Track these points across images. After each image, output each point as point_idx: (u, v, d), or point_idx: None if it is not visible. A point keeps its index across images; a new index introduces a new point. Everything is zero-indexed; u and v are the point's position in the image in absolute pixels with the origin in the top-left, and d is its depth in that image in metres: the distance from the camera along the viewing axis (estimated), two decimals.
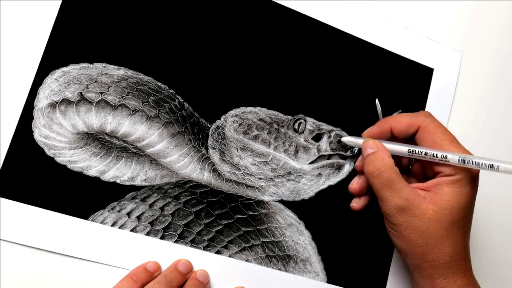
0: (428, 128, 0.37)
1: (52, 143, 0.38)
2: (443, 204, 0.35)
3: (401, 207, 0.35)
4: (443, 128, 0.37)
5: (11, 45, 0.37)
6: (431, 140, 0.37)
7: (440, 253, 0.35)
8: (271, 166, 0.41)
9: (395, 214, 0.36)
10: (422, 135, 0.38)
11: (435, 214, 0.35)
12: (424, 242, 0.35)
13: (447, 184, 0.36)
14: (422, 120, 0.38)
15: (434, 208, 0.35)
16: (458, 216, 0.35)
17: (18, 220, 0.36)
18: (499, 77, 0.50)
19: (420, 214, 0.35)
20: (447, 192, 0.35)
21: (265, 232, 0.41)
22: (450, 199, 0.35)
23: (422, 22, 0.48)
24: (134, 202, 0.39)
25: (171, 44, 0.40)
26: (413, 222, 0.35)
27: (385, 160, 0.37)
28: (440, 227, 0.35)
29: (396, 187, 0.36)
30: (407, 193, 0.36)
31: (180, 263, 0.39)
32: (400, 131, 0.39)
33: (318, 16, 0.44)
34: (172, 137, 0.40)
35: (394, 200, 0.36)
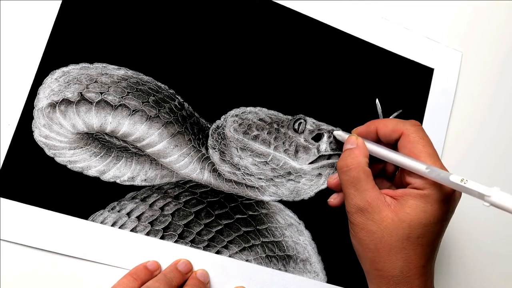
0: (410, 136, 0.36)
1: (52, 143, 0.38)
2: (402, 216, 0.34)
3: (360, 208, 0.35)
4: (426, 140, 0.36)
5: (11, 45, 0.37)
6: (410, 149, 0.36)
7: (390, 264, 0.34)
8: (271, 166, 0.41)
9: (354, 213, 0.35)
10: (402, 143, 0.36)
11: (392, 223, 0.34)
12: (376, 248, 0.34)
13: (412, 196, 0.34)
14: (407, 128, 0.37)
15: (393, 217, 0.34)
16: (416, 232, 0.34)
17: (18, 220, 0.36)
18: (499, 77, 0.50)
19: (378, 219, 0.34)
20: (410, 205, 0.34)
21: (265, 232, 0.41)
22: (411, 213, 0.34)
23: (422, 22, 0.48)
24: (134, 202, 0.39)
25: (171, 44, 0.40)
26: (369, 225, 0.34)
27: (357, 158, 0.37)
28: (395, 238, 0.34)
29: (361, 187, 0.35)
30: (371, 195, 0.35)
31: (180, 262, 0.39)
32: (384, 134, 0.38)
33: (318, 16, 0.44)
34: (172, 137, 0.40)
35: (355, 199, 0.35)
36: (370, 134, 0.39)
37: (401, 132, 0.37)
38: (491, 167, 0.49)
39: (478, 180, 0.48)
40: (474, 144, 0.49)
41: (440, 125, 0.47)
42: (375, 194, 0.35)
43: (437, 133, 0.47)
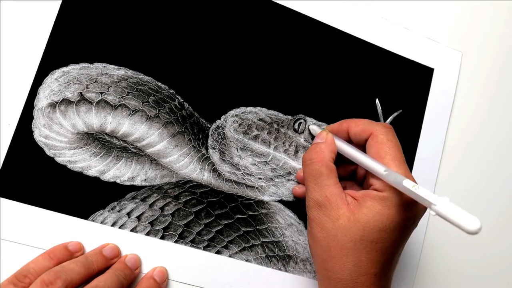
0: (378, 137, 0.35)
1: (52, 143, 0.38)
2: (359, 216, 0.33)
3: (318, 203, 0.34)
4: (393, 143, 0.35)
5: (11, 45, 0.37)
6: (376, 150, 0.35)
7: (340, 266, 0.33)
8: (271, 166, 0.41)
9: (311, 207, 0.35)
10: (370, 143, 0.36)
11: (348, 222, 0.33)
12: (328, 246, 0.33)
13: (371, 198, 0.33)
14: (376, 129, 0.36)
15: (349, 216, 0.33)
16: (371, 235, 0.32)
17: (18, 220, 0.36)
18: (499, 77, 0.50)
19: (334, 216, 0.33)
20: (367, 206, 0.33)
21: (265, 232, 0.41)
22: (367, 214, 0.32)
23: (422, 22, 0.48)
24: (134, 202, 0.39)
25: (171, 44, 0.40)
26: (324, 221, 0.34)
27: (322, 153, 0.36)
28: (348, 239, 0.32)
29: (321, 182, 0.35)
30: (330, 191, 0.34)
31: (106, 247, 0.37)
32: (355, 133, 0.37)
33: (318, 16, 0.44)
34: (172, 137, 0.40)
35: (314, 193, 0.35)
36: (342, 132, 0.38)
37: (370, 133, 0.36)
38: (491, 167, 0.49)
39: (478, 180, 0.49)
40: (474, 144, 0.49)
41: (440, 125, 0.47)
42: (336, 190, 0.34)
43: (437, 133, 0.47)
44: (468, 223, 0.28)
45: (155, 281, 0.37)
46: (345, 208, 0.33)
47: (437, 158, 0.47)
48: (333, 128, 0.39)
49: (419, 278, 0.46)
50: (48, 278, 0.32)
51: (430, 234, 0.46)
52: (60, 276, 0.32)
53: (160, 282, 0.37)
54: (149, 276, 0.37)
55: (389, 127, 0.36)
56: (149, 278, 0.37)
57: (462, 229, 0.28)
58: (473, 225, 0.27)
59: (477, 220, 0.27)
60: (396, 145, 0.35)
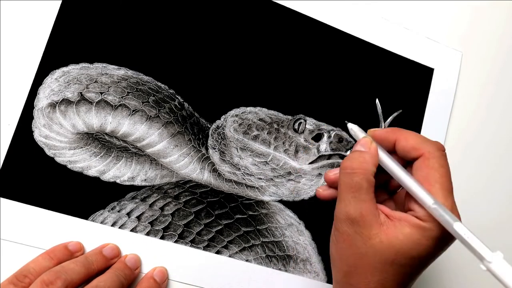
0: (429, 160, 0.32)
1: (52, 143, 0.38)
2: (394, 241, 0.31)
3: (351, 218, 0.32)
4: (445, 170, 0.33)
5: (11, 45, 0.37)
6: (425, 175, 0.32)
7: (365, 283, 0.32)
8: (271, 166, 0.41)
9: (343, 221, 0.32)
10: (420, 164, 0.33)
11: (380, 244, 0.31)
12: (354, 263, 0.32)
13: (411, 224, 0.31)
14: (429, 150, 0.33)
15: (382, 238, 0.31)
16: (403, 261, 0.31)
17: (18, 220, 0.36)
18: (499, 77, 0.50)
19: (366, 235, 0.31)
20: (405, 232, 0.31)
21: (265, 232, 0.41)
22: (403, 241, 0.31)
23: (422, 22, 0.48)
24: (134, 202, 0.39)
25: (171, 44, 0.40)
26: (355, 238, 0.32)
27: (366, 164, 0.33)
28: (378, 260, 0.31)
29: (359, 196, 0.32)
30: (366, 208, 0.32)
31: (106, 247, 0.37)
32: (403, 149, 0.34)
33: (318, 16, 0.44)
34: (172, 137, 0.40)
35: (349, 207, 0.32)
36: (387, 142, 0.35)
37: (421, 153, 0.33)
38: (491, 167, 0.49)
39: (478, 180, 0.49)
40: (474, 144, 0.49)
41: (440, 125, 0.47)
42: (371, 207, 0.32)
43: (437, 133, 0.47)
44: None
45: (155, 281, 0.37)
46: (378, 228, 0.32)
47: None
48: (378, 136, 0.35)
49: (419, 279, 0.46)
50: (48, 278, 0.32)
51: None
52: (60, 276, 0.32)
53: (160, 282, 0.37)
54: (149, 276, 0.37)
55: (443, 149, 0.34)
56: (149, 278, 0.37)
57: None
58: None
59: None
60: (448, 173, 0.33)
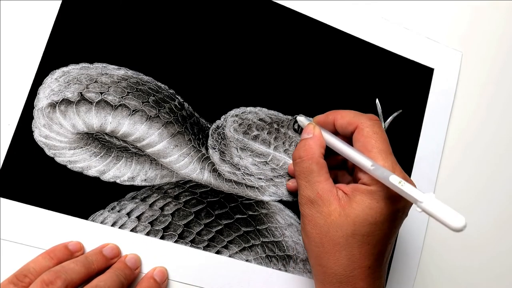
0: (364, 130, 0.35)
1: (52, 143, 0.38)
2: (349, 211, 0.33)
3: (310, 200, 0.34)
4: (379, 135, 0.35)
5: (11, 45, 0.37)
6: (362, 144, 0.35)
7: (334, 261, 0.33)
8: (271, 166, 0.41)
9: (304, 205, 0.35)
10: (356, 136, 0.35)
11: (339, 218, 0.33)
12: (321, 242, 0.33)
13: (360, 192, 0.33)
14: (362, 121, 0.35)
15: (340, 212, 0.33)
16: (362, 229, 0.33)
17: (18, 220, 0.36)
18: (499, 77, 0.50)
19: (326, 213, 0.33)
20: (357, 200, 0.33)
21: (265, 232, 0.41)
22: (357, 208, 0.33)
23: (422, 22, 0.48)
24: (134, 202, 0.39)
25: (171, 44, 0.40)
26: (317, 218, 0.34)
27: (311, 149, 0.36)
28: (340, 234, 0.33)
29: (312, 179, 0.35)
30: (322, 187, 0.34)
31: (106, 247, 0.37)
32: (341, 126, 0.37)
33: (318, 16, 0.44)
34: (172, 137, 0.40)
35: (306, 190, 0.35)
36: (328, 125, 0.38)
37: (356, 125, 0.36)
38: (491, 167, 0.49)
39: (478, 180, 0.49)
40: (474, 144, 0.49)
41: (440, 125, 0.47)
42: (327, 186, 0.34)
43: (437, 133, 0.47)
44: (453, 220, 0.28)
45: (155, 281, 0.37)
46: (336, 203, 0.33)
47: (437, 158, 0.47)
48: (320, 120, 0.39)
49: (419, 278, 0.46)
50: (48, 277, 0.32)
51: (430, 234, 0.46)
52: (60, 275, 0.32)
53: (160, 282, 0.37)
54: (149, 276, 0.37)
55: (375, 118, 0.36)
56: (149, 278, 0.37)
57: (447, 226, 0.28)
58: (458, 223, 0.27)
59: (462, 218, 0.27)
60: (383, 138, 0.35)
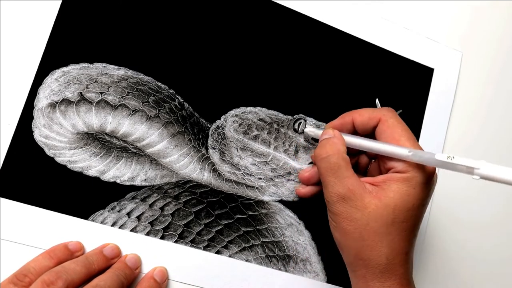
0: (388, 121, 0.36)
1: (52, 143, 0.38)
2: (387, 201, 0.33)
3: (342, 196, 0.34)
4: (403, 126, 0.36)
5: (11, 45, 0.37)
6: (389, 134, 0.35)
7: (376, 252, 0.33)
8: (271, 166, 0.41)
9: (335, 202, 0.34)
10: (381, 128, 0.36)
11: (376, 209, 0.33)
12: (361, 236, 0.34)
13: (395, 181, 0.34)
14: (384, 114, 0.36)
15: (376, 203, 0.33)
16: (401, 216, 0.33)
17: (18, 220, 0.36)
18: (499, 77, 0.50)
19: (361, 206, 0.33)
20: (393, 189, 0.33)
21: (265, 232, 0.41)
22: (395, 197, 0.33)
23: (422, 22, 0.48)
24: (134, 202, 0.39)
25: (171, 44, 0.40)
26: (352, 213, 0.34)
27: (337, 145, 0.36)
28: (380, 224, 0.33)
29: (341, 174, 0.35)
30: (352, 182, 0.34)
31: (107, 247, 0.37)
32: (362, 123, 0.37)
33: (318, 16, 0.44)
34: (172, 137, 0.40)
35: (336, 187, 0.34)
36: (346, 126, 0.38)
37: (378, 118, 0.36)
38: None
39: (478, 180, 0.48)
40: (474, 144, 0.49)
41: (440, 125, 0.47)
42: (356, 181, 0.34)
43: (437, 133, 0.47)
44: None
45: (155, 281, 0.37)
46: (369, 196, 0.34)
47: None
48: (335, 124, 0.39)
49: (419, 277, 0.46)
50: (49, 278, 0.32)
51: (430, 234, 0.46)
52: (60, 276, 0.32)
53: (160, 282, 0.37)
54: (149, 276, 0.37)
55: (392, 110, 0.37)
56: (149, 278, 0.37)
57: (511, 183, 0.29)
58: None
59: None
60: (406, 127, 0.36)
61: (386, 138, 0.35)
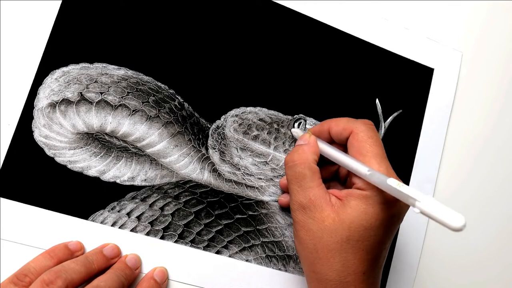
0: (358, 135, 0.35)
1: (52, 143, 0.38)
2: (344, 217, 0.32)
3: (302, 205, 0.34)
4: (374, 140, 0.34)
5: (11, 45, 0.37)
6: (357, 148, 0.34)
7: (328, 267, 0.33)
8: (271, 166, 0.41)
9: (296, 210, 0.34)
10: (351, 141, 0.35)
11: (333, 223, 0.32)
12: (315, 248, 0.33)
13: (355, 197, 0.33)
14: (356, 126, 0.35)
15: (334, 217, 0.33)
16: (356, 234, 0.32)
17: (18, 220, 0.36)
18: (499, 77, 0.50)
19: (319, 218, 0.33)
20: (352, 205, 0.33)
21: (265, 232, 0.41)
22: (352, 213, 0.32)
23: (422, 22, 0.48)
24: (134, 202, 0.39)
25: (171, 44, 0.40)
26: (309, 224, 0.33)
27: (305, 154, 0.35)
28: (335, 240, 0.32)
29: (305, 184, 0.34)
30: (314, 193, 0.34)
31: (107, 246, 0.37)
32: (336, 133, 0.37)
33: (318, 16, 0.44)
34: (172, 137, 0.40)
35: (298, 196, 0.34)
36: (324, 134, 0.38)
37: (350, 131, 0.35)
38: (491, 167, 0.49)
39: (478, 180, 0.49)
40: (474, 144, 0.49)
41: (440, 125, 0.47)
42: (319, 192, 0.34)
43: (437, 133, 0.47)
44: (452, 220, 0.27)
45: (155, 281, 0.37)
46: (330, 209, 0.33)
47: (437, 158, 0.47)
48: (315, 130, 0.39)
49: (419, 278, 0.46)
50: (49, 277, 0.32)
51: (430, 234, 0.46)
52: (60, 275, 0.32)
53: (160, 282, 0.37)
54: (149, 276, 0.37)
55: (370, 123, 0.36)
56: (149, 278, 0.37)
57: (446, 226, 0.28)
58: (457, 222, 0.27)
59: (461, 217, 0.27)
60: (377, 142, 0.35)
61: (353, 152, 0.35)
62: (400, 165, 0.45)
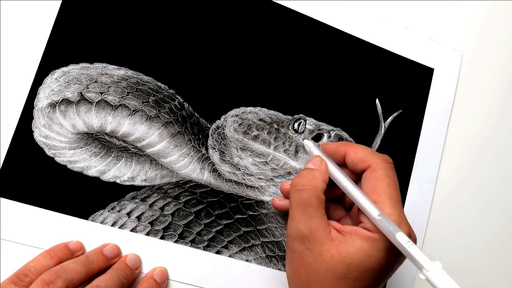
0: (376, 171, 0.33)
1: (52, 143, 0.38)
2: (345, 255, 0.31)
3: (301, 235, 0.32)
4: (392, 180, 0.33)
5: (11, 45, 0.37)
6: (372, 186, 0.33)
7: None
8: (271, 166, 0.41)
9: (294, 238, 0.32)
10: (368, 176, 0.33)
11: (331, 259, 0.31)
12: (308, 281, 0.32)
13: (361, 237, 0.31)
14: (376, 162, 0.33)
15: (334, 253, 0.31)
16: (355, 274, 0.31)
17: (18, 220, 0.36)
18: (499, 77, 0.50)
19: (317, 251, 0.31)
20: (356, 245, 0.31)
21: (265, 232, 0.41)
22: (354, 254, 0.31)
23: (422, 22, 0.48)
24: (134, 202, 0.39)
25: (171, 44, 0.40)
26: (306, 255, 0.32)
27: (315, 181, 0.33)
28: (331, 276, 0.31)
29: (309, 212, 0.32)
30: (316, 224, 0.32)
31: (107, 246, 0.37)
32: (352, 161, 0.35)
33: (318, 16, 0.44)
34: (172, 137, 0.40)
35: (299, 224, 0.32)
36: (338, 156, 0.36)
37: (369, 165, 0.34)
38: (491, 167, 0.49)
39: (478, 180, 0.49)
40: (474, 144, 0.49)
41: (440, 125, 0.47)
42: (322, 223, 0.32)
43: (437, 133, 0.47)
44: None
45: (155, 281, 0.37)
46: (329, 243, 0.31)
47: (437, 158, 0.47)
48: (329, 149, 0.37)
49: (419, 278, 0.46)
50: (49, 277, 0.32)
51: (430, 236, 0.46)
52: (60, 275, 0.32)
53: (160, 282, 0.37)
54: (149, 276, 0.37)
55: (390, 161, 0.34)
56: (149, 278, 0.37)
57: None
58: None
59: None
60: (394, 183, 0.33)
61: (367, 188, 0.33)
62: (400, 165, 0.45)
